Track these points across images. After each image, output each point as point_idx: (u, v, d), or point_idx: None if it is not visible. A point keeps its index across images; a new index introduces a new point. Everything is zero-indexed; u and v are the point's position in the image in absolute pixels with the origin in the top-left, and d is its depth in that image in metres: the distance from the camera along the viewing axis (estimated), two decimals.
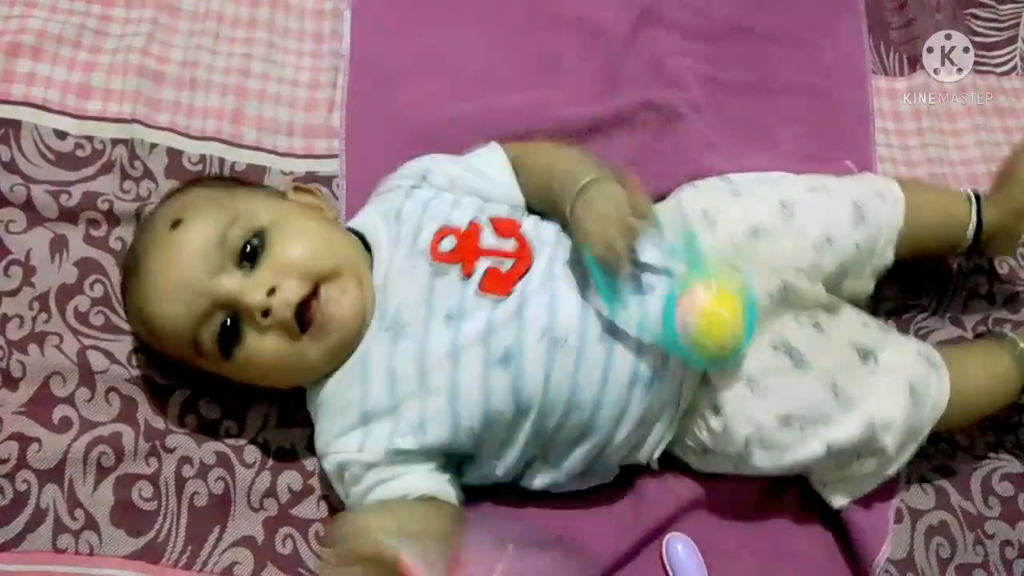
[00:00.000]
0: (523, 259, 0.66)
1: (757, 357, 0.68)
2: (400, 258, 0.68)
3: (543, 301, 0.64)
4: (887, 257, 0.76)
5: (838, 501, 0.73)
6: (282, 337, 0.64)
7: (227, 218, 0.65)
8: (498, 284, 0.65)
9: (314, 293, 0.65)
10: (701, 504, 0.73)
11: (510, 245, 0.67)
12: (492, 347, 0.64)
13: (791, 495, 0.75)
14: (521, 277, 0.66)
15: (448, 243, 0.67)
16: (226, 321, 0.64)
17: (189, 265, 0.63)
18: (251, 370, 0.66)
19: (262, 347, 0.64)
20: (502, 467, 0.67)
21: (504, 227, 0.68)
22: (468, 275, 0.65)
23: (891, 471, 0.72)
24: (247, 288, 0.63)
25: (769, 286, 0.69)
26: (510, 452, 0.67)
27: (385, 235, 0.69)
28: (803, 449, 0.68)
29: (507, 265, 0.66)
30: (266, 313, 0.63)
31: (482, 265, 0.66)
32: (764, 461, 0.69)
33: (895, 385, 0.70)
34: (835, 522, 0.75)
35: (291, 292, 0.64)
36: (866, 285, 0.77)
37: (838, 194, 0.76)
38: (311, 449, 0.72)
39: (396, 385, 0.64)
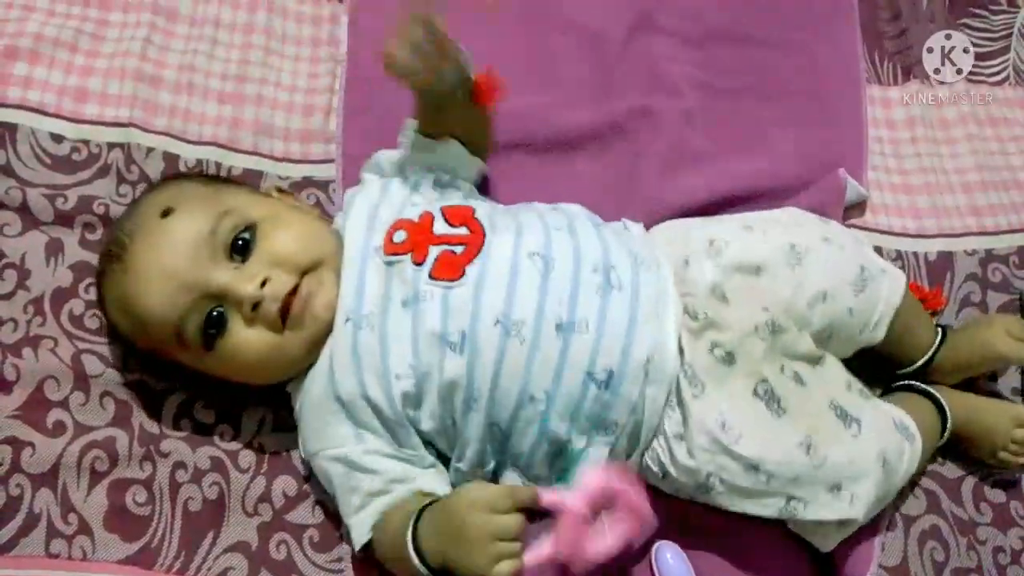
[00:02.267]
0: (474, 243, 0.67)
1: (735, 401, 0.66)
2: (359, 253, 0.69)
3: (501, 287, 0.65)
4: (878, 334, 0.75)
5: (824, 546, 0.73)
6: (266, 329, 0.65)
7: (218, 211, 0.66)
8: (450, 268, 0.66)
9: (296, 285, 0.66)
10: (691, 512, 0.72)
11: (462, 231, 0.68)
12: (448, 330, 0.64)
13: None
14: (473, 259, 0.66)
15: (400, 235, 0.68)
16: (212, 312, 0.65)
17: (181, 255, 0.64)
18: (231, 363, 0.66)
19: (246, 339, 0.65)
20: (466, 463, 0.67)
21: (456, 215, 0.69)
22: (420, 262, 0.66)
23: (858, 524, 0.71)
24: (239, 280, 0.64)
25: (756, 320, 0.68)
26: (469, 446, 0.67)
27: (350, 231, 0.70)
28: (762, 503, 0.67)
29: (459, 250, 0.67)
30: (255, 305, 0.64)
31: (434, 252, 0.67)
32: (722, 500, 0.68)
33: (871, 456, 0.69)
34: None
35: (281, 285, 0.65)
36: (845, 353, 0.76)
37: (850, 251, 0.75)
38: None
39: (362, 373, 0.65)
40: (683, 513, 0.72)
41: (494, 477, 0.70)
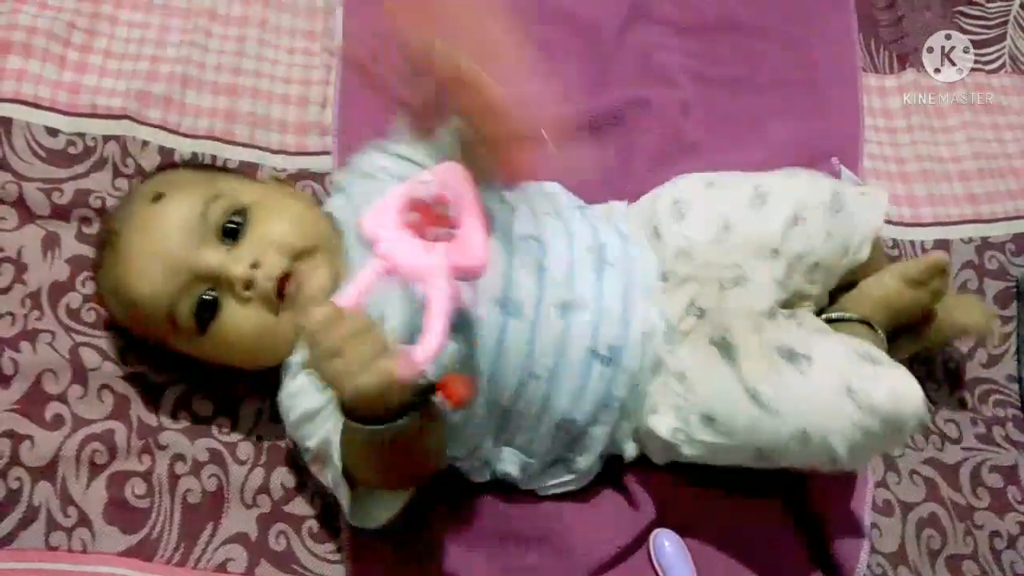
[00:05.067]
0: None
1: (696, 355, 0.66)
2: (353, 238, 0.68)
3: (497, 269, 0.65)
4: (862, 254, 0.74)
5: (852, 466, 0.67)
6: (261, 310, 0.65)
7: (209, 194, 0.66)
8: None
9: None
10: (688, 501, 0.73)
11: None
12: None
13: (777, 491, 0.75)
14: None
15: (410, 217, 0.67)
16: (204, 295, 0.64)
17: (170, 238, 0.64)
18: (225, 344, 0.66)
19: (240, 320, 0.65)
20: (463, 447, 0.67)
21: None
22: None
23: (877, 440, 0.64)
24: (230, 261, 0.64)
25: (723, 275, 0.68)
26: (467, 428, 0.66)
27: (347, 217, 0.70)
28: (733, 456, 0.66)
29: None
30: (248, 286, 0.64)
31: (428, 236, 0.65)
32: (696, 455, 0.67)
33: (829, 390, 0.62)
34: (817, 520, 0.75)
35: (273, 266, 0.64)
36: (833, 282, 0.75)
37: (821, 180, 0.76)
38: None
39: None
40: (680, 499, 0.73)
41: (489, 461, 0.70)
